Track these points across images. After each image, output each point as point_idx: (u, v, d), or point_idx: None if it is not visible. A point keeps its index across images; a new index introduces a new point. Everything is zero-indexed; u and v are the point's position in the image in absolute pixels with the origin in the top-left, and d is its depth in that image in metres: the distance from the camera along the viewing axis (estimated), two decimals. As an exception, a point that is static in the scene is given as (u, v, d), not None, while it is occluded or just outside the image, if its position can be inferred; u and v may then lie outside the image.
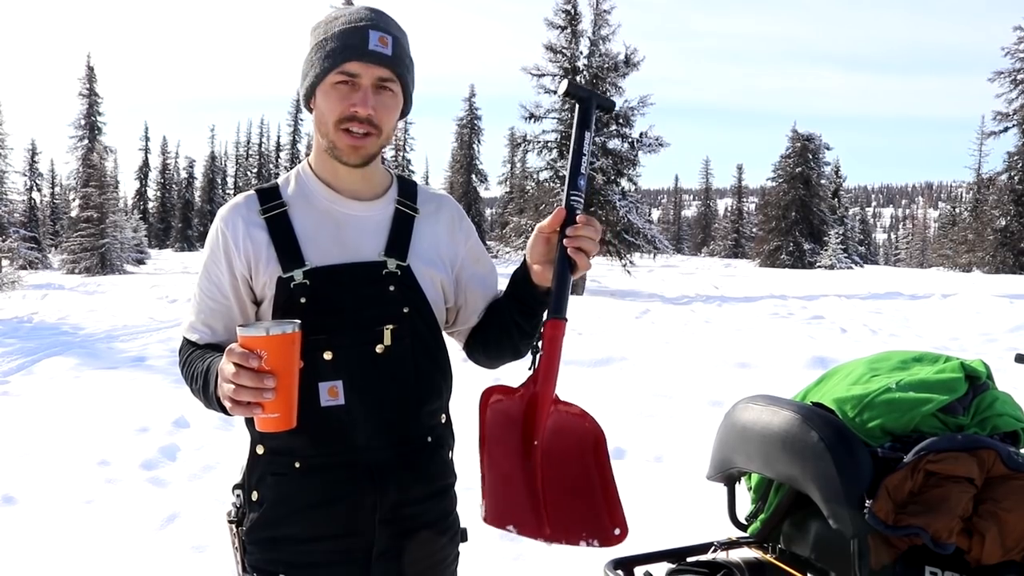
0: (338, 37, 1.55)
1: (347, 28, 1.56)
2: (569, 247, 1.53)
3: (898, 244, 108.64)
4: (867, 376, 2.02)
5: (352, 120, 1.56)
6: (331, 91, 1.56)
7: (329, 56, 1.55)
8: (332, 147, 1.60)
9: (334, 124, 1.57)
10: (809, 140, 48.45)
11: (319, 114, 1.59)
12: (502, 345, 1.73)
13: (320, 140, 1.62)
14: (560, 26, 24.91)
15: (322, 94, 1.58)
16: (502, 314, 1.71)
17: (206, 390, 1.53)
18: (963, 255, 39.28)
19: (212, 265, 1.65)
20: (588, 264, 1.55)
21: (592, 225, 1.54)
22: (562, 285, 1.53)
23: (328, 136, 1.59)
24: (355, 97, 1.55)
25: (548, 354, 1.52)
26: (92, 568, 3.78)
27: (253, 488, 1.64)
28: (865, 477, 1.78)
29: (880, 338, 11.43)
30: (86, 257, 34.07)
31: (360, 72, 1.55)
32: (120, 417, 6.58)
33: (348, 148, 1.58)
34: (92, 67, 49.37)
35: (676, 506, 4.39)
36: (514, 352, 1.73)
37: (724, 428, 2.17)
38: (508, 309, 1.69)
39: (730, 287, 24.22)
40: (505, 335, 1.71)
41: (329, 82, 1.56)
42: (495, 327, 1.74)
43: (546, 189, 24.77)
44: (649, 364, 8.89)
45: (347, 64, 1.54)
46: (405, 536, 1.61)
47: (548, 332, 1.52)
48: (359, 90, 1.56)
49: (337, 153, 1.60)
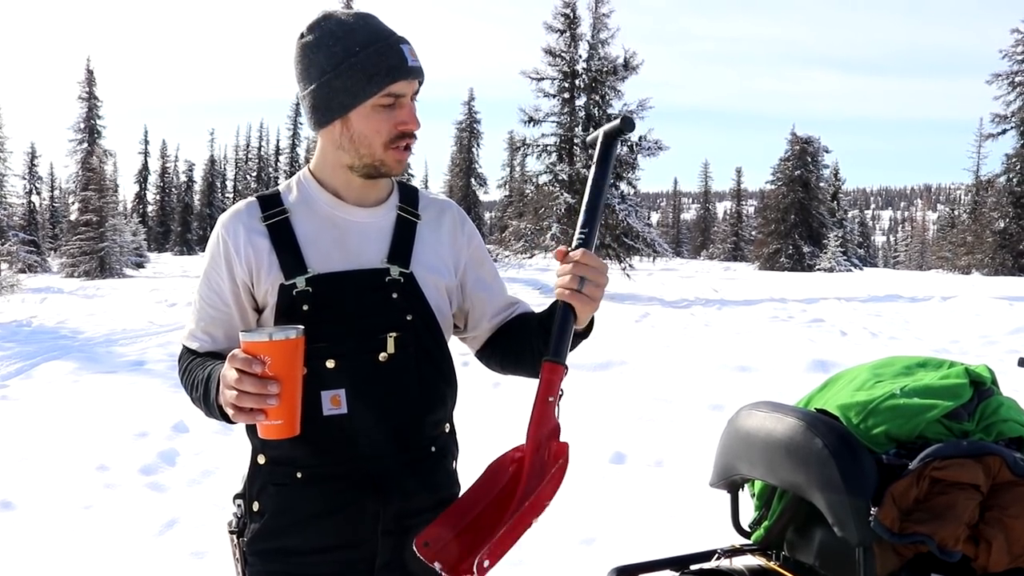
0: (374, 56, 1.51)
1: (382, 46, 1.52)
2: (556, 288, 1.50)
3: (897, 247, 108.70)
4: (871, 382, 2.00)
5: (403, 137, 1.56)
6: (374, 113, 1.54)
7: (373, 79, 1.51)
8: (378, 165, 1.58)
9: (384, 145, 1.55)
10: (808, 143, 48.48)
11: (359, 136, 1.56)
12: (522, 362, 1.71)
13: (351, 158, 1.59)
14: (559, 30, 24.92)
15: (362, 117, 1.54)
16: (527, 334, 1.69)
17: (207, 398, 1.51)
18: (962, 257, 39.32)
19: (213, 272, 1.63)
20: (584, 303, 1.47)
21: (573, 261, 1.48)
22: (561, 329, 1.47)
23: (374, 156, 1.56)
24: (403, 115, 1.55)
25: (541, 396, 1.46)
26: (91, 574, 3.76)
27: (254, 498, 1.62)
28: (870, 484, 1.77)
29: (880, 341, 11.43)
30: (85, 261, 34.03)
31: (406, 91, 1.54)
32: (119, 422, 6.56)
33: (397, 164, 1.58)
34: (92, 71, 49.40)
35: (678, 512, 4.38)
36: (532, 371, 1.69)
37: (727, 435, 2.15)
38: (535, 331, 1.66)
39: (730, 290, 24.20)
40: (527, 353, 1.68)
41: (371, 104, 1.53)
42: (518, 344, 1.72)
43: (545, 193, 24.75)
44: (649, 368, 8.88)
45: (394, 85, 1.52)
46: (408, 547, 1.59)
47: (544, 375, 1.47)
48: (404, 108, 1.55)
49: (385, 169, 1.59)
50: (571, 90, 24.84)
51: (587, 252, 1.49)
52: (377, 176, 1.61)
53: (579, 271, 1.47)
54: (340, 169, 1.62)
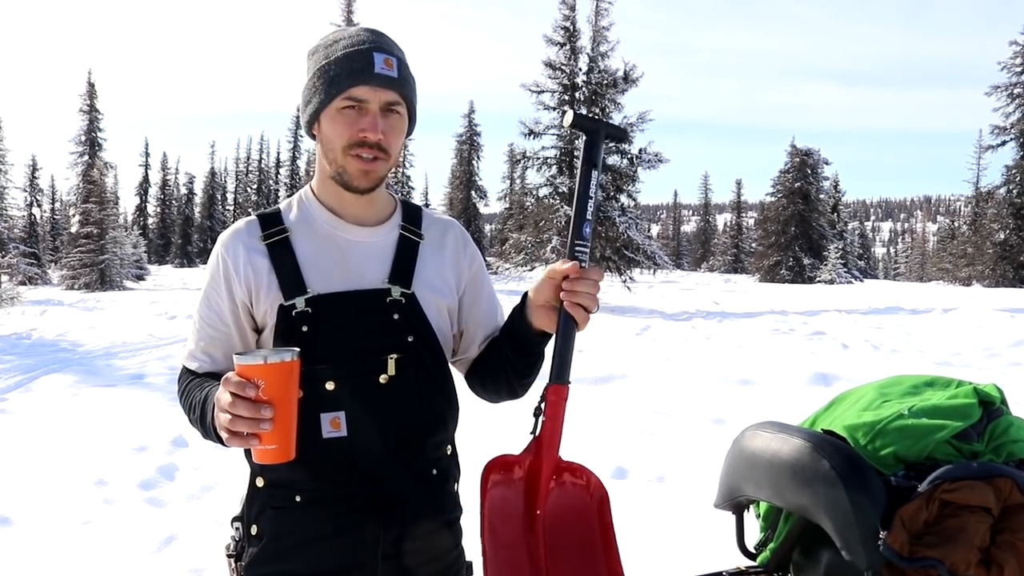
0: (342, 61, 1.52)
1: (350, 51, 1.52)
2: (567, 301, 1.49)
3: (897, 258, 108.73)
4: (878, 402, 1.98)
5: (362, 146, 1.53)
6: (337, 116, 1.53)
7: (334, 81, 1.51)
8: (341, 172, 1.56)
9: (343, 150, 1.54)
10: (808, 155, 48.59)
11: (326, 140, 1.56)
12: (498, 382, 1.70)
13: (326, 167, 1.59)
14: (559, 43, 25.01)
15: (328, 120, 1.54)
16: (497, 350, 1.68)
17: (203, 420, 1.49)
18: (963, 269, 39.31)
19: (212, 292, 1.61)
20: (587, 319, 1.50)
21: (590, 278, 1.49)
22: (565, 347, 1.48)
23: (336, 162, 1.55)
24: (364, 122, 1.52)
25: (551, 421, 1.47)
26: (88, 592, 3.73)
27: (252, 522, 1.60)
28: (879, 507, 1.74)
29: (882, 354, 11.40)
30: (86, 273, 34.03)
31: (368, 97, 1.52)
32: (118, 436, 6.53)
33: (358, 173, 1.55)
34: (93, 83, 49.50)
35: (681, 531, 4.34)
36: (510, 392, 1.69)
37: (732, 455, 2.12)
38: (503, 345, 1.65)
39: (730, 303, 24.18)
40: (501, 371, 1.67)
41: (335, 107, 1.52)
42: (491, 362, 1.70)
43: (546, 205, 24.78)
44: (650, 381, 8.84)
45: (354, 89, 1.51)
46: (409, 571, 1.56)
47: (550, 398, 1.47)
48: (367, 115, 1.52)
49: (347, 179, 1.56)
50: (571, 103, 24.89)
51: (598, 269, 1.52)
52: (346, 188, 1.58)
53: (595, 290, 1.49)
54: (328, 182, 1.62)
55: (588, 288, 1.48)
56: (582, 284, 1.48)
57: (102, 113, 49.55)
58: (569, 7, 25.06)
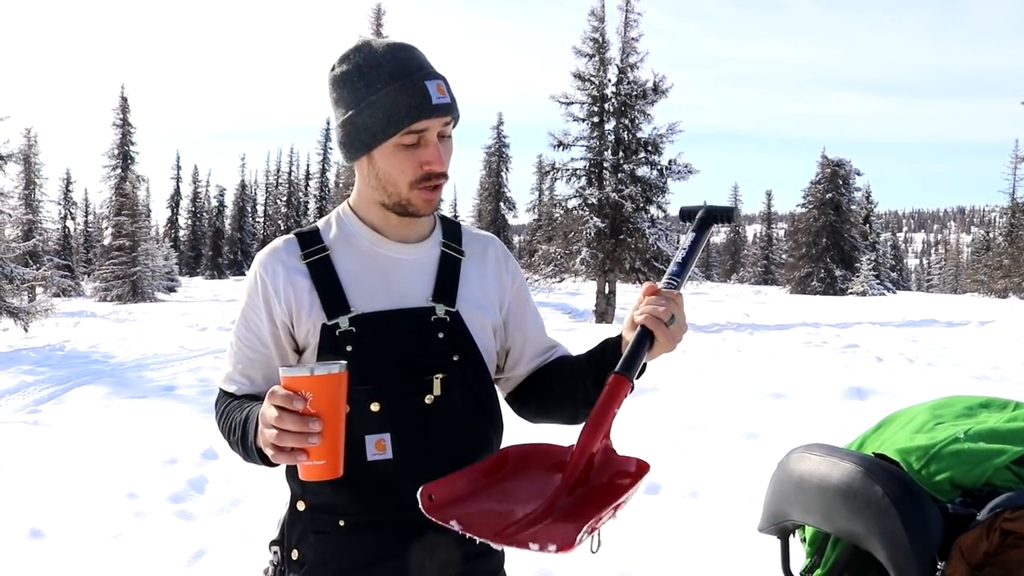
0: (395, 97, 1.45)
1: (404, 83, 1.46)
2: (641, 314, 1.44)
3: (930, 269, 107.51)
4: (931, 424, 1.90)
5: (428, 179, 1.50)
6: (397, 152, 1.48)
7: (392, 120, 1.45)
8: (405, 205, 1.52)
9: (409, 185, 1.50)
10: (839, 166, 48.22)
11: (385, 175, 1.51)
12: (563, 407, 1.64)
13: (377, 195, 1.54)
14: (588, 54, 25.00)
15: (385, 156, 1.49)
16: (573, 376, 1.62)
17: (244, 440, 1.45)
18: (998, 280, 38.80)
19: (251, 312, 1.57)
20: (667, 337, 1.44)
21: (667, 297, 1.45)
22: (635, 350, 1.43)
23: (399, 196, 1.51)
24: (427, 154, 1.48)
25: (604, 404, 1.39)
26: (118, 608, 3.71)
27: (293, 546, 1.55)
28: (936, 536, 1.67)
29: (917, 367, 11.20)
30: (118, 285, 34.47)
31: (428, 127, 1.47)
32: (149, 448, 6.54)
33: (423, 203, 1.52)
34: (126, 97, 50.38)
35: (717, 549, 4.25)
36: (572, 417, 1.63)
37: (778, 478, 2.05)
38: (583, 373, 1.59)
39: (761, 315, 23.98)
40: (569, 398, 1.61)
41: (392, 144, 1.48)
42: (560, 387, 1.65)
43: (575, 217, 24.75)
44: (682, 395, 8.74)
45: (415, 124, 1.46)
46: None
47: (611, 387, 1.40)
48: (429, 146, 1.48)
49: (412, 210, 1.53)
50: (600, 114, 24.88)
51: (681, 296, 1.47)
52: (406, 215, 1.55)
53: (673, 308, 1.44)
54: (375, 206, 1.57)
55: (659, 303, 1.44)
56: (655, 299, 1.45)
57: (134, 127, 50.41)
58: (598, 19, 25.06)
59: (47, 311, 17.73)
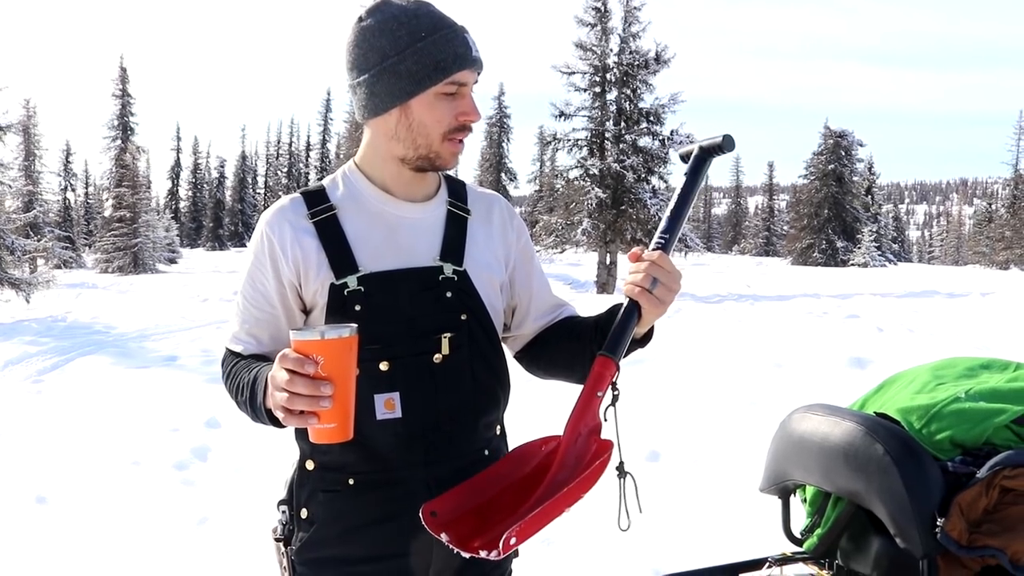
0: (441, 43, 1.46)
1: (448, 33, 1.46)
2: (625, 285, 1.44)
3: (932, 241, 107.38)
4: (932, 384, 1.91)
5: (462, 130, 1.50)
6: (437, 102, 1.48)
7: (440, 66, 1.45)
8: (433, 157, 1.52)
9: (442, 135, 1.49)
10: (842, 136, 47.99)
11: (418, 125, 1.49)
12: (571, 368, 1.64)
13: (405, 149, 1.52)
14: (590, 23, 24.78)
15: (424, 105, 1.48)
16: (580, 339, 1.62)
17: (253, 401, 1.44)
18: (1000, 252, 38.78)
19: (257, 272, 1.56)
20: (652, 303, 1.43)
21: (648, 259, 1.43)
22: (623, 326, 1.43)
23: (430, 147, 1.51)
24: (465, 105, 1.49)
25: (589, 389, 1.40)
26: (124, 570, 3.74)
27: (302, 505, 1.56)
28: (936, 493, 1.68)
29: (918, 337, 11.22)
30: (119, 256, 34.47)
31: (468, 80, 1.49)
32: (152, 417, 6.58)
33: (451, 156, 1.52)
34: (125, 68, 50.11)
35: (718, 515, 4.28)
36: (579, 379, 1.63)
37: (779, 438, 2.06)
38: (590, 338, 1.58)
39: (762, 286, 23.98)
40: (577, 360, 1.61)
41: (434, 92, 1.47)
42: (568, 348, 1.65)
43: (576, 187, 24.69)
44: (683, 364, 8.76)
45: (460, 74, 1.46)
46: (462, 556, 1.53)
47: (596, 368, 1.41)
48: (464, 98, 1.49)
49: (440, 163, 1.53)
50: (602, 84, 24.72)
51: (664, 255, 1.45)
52: (430, 169, 1.55)
53: (653, 271, 1.43)
54: (391, 161, 1.55)
55: (638, 271, 1.43)
56: (634, 266, 1.45)
57: (134, 98, 50.15)
58: (600, -12, 24.83)
59: (48, 283, 17.74)
